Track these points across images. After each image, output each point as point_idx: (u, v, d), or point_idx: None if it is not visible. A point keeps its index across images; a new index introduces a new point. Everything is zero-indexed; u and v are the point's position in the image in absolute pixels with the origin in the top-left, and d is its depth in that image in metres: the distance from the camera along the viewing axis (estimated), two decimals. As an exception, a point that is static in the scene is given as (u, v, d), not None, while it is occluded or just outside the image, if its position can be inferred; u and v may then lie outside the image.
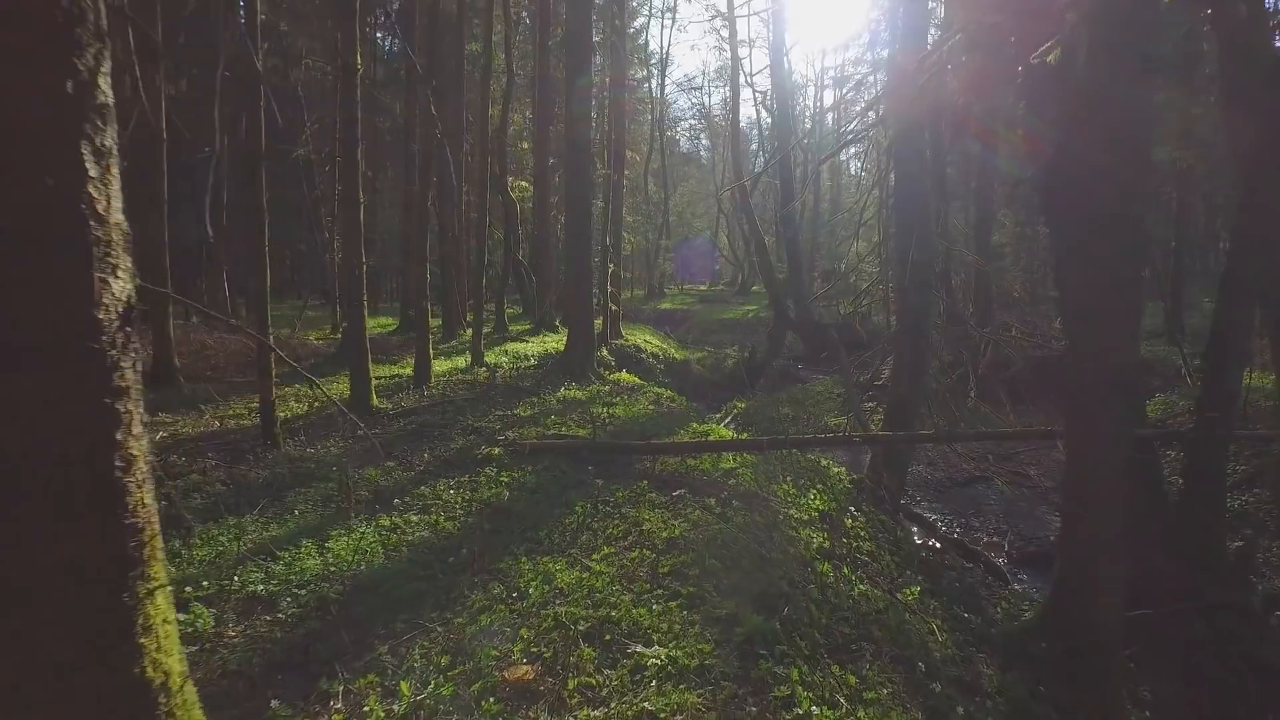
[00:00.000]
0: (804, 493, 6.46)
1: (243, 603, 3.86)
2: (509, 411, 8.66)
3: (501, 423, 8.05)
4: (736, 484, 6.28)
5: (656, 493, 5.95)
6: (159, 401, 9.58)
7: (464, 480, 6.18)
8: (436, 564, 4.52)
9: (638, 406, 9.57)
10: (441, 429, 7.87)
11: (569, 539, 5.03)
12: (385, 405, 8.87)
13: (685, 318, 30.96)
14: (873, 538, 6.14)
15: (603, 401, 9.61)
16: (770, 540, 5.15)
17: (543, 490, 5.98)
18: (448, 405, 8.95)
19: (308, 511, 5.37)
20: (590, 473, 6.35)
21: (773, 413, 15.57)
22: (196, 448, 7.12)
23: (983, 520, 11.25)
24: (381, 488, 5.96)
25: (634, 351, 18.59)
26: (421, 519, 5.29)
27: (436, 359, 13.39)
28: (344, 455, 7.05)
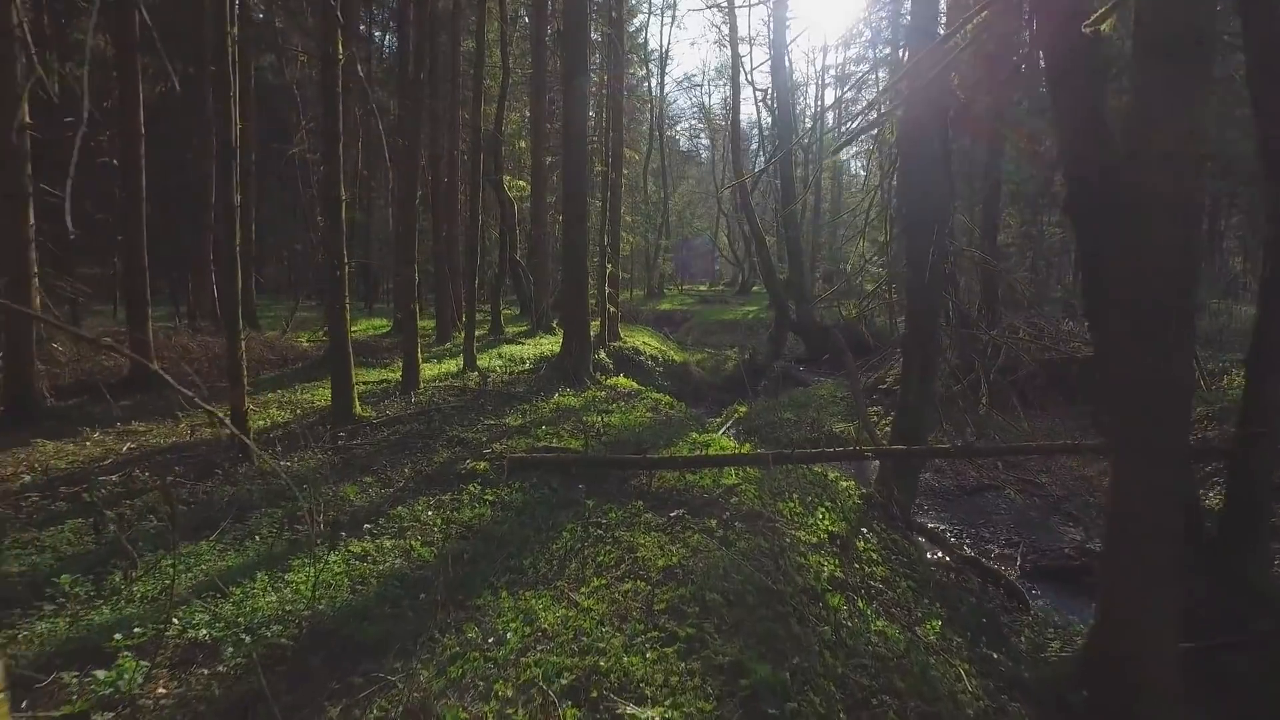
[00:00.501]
0: (811, 511, 5.98)
1: (181, 651, 3.37)
2: (499, 420, 8.17)
3: (489, 433, 7.56)
4: (739, 502, 5.80)
5: (653, 513, 5.47)
6: (133, 409, 9.11)
7: (445, 499, 5.69)
8: (406, 600, 4.03)
9: (635, 414, 9.09)
10: (426, 440, 7.38)
11: (556, 568, 4.55)
12: (369, 413, 8.39)
13: (685, 318, 30.48)
14: (886, 560, 5.66)
15: (598, 409, 9.12)
16: (777, 568, 4.67)
17: (529, 511, 5.49)
18: (434, 413, 8.47)
19: (271, 536, 4.89)
20: (581, 491, 5.86)
21: (774, 417, 15.07)
22: (164, 461, 6.65)
23: (993, 530, 10.77)
24: (356, 508, 5.48)
25: (632, 354, 18.11)
26: (395, 545, 4.80)
27: (428, 363, 12.91)
28: (321, 469, 6.57)
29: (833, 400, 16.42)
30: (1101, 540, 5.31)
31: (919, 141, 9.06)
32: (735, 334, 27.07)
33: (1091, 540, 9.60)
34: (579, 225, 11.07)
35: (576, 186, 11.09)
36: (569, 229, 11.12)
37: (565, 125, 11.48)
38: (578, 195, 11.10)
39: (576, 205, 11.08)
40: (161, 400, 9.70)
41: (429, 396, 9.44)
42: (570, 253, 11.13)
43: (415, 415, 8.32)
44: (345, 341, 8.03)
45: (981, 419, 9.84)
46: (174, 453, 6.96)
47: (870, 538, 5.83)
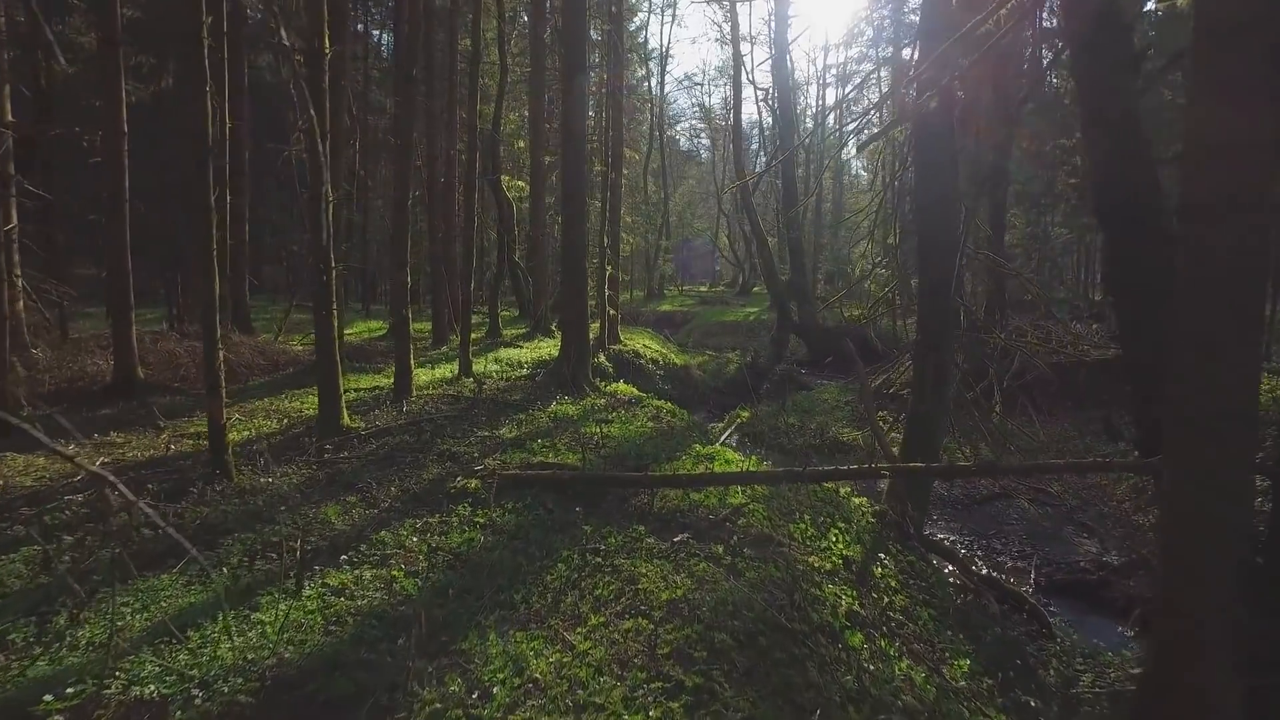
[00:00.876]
0: (824, 533, 5.58)
1: (123, 712, 2.97)
2: (492, 432, 7.77)
3: (482, 447, 7.16)
4: (747, 524, 5.40)
5: (655, 538, 5.06)
6: (115, 418, 8.71)
7: (432, 522, 5.29)
8: (385, 644, 3.63)
9: (635, 424, 8.68)
10: (415, 454, 6.97)
11: (550, 603, 4.15)
12: (357, 424, 7.98)
13: (685, 320, 30.07)
14: (904, 587, 5.26)
15: (597, 418, 8.72)
16: (790, 602, 4.26)
17: (522, 535, 5.09)
18: (426, 424, 8.07)
19: (242, 566, 4.48)
20: (579, 514, 5.45)
21: (778, 423, 14.68)
22: (138, 477, 6.24)
23: (1005, 542, 10.40)
24: (336, 533, 5.07)
25: (632, 358, 17.70)
26: (376, 576, 4.40)
27: (423, 368, 12.51)
28: (304, 486, 6.17)
29: (838, 405, 16.03)
30: (1157, 568, 4.90)
31: (932, 140, 8.66)
32: (737, 336, 26.67)
33: (1107, 553, 9.22)
34: (578, 226, 10.66)
35: (575, 186, 10.69)
36: (568, 230, 10.72)
37: (564, 124, 11.08)
38: (576, 195, 10.70)
39: (575, 205, 10.68)
40: (145, 409, 9.30)
41: (421, 405, 9.04)
42: (569, 254, 10.73)
43: (406, 426, 7.92)
44: (333, 349, 7.63)
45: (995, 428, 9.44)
46: (149, 468, 6.55)
47: (887, 563, 5.43)
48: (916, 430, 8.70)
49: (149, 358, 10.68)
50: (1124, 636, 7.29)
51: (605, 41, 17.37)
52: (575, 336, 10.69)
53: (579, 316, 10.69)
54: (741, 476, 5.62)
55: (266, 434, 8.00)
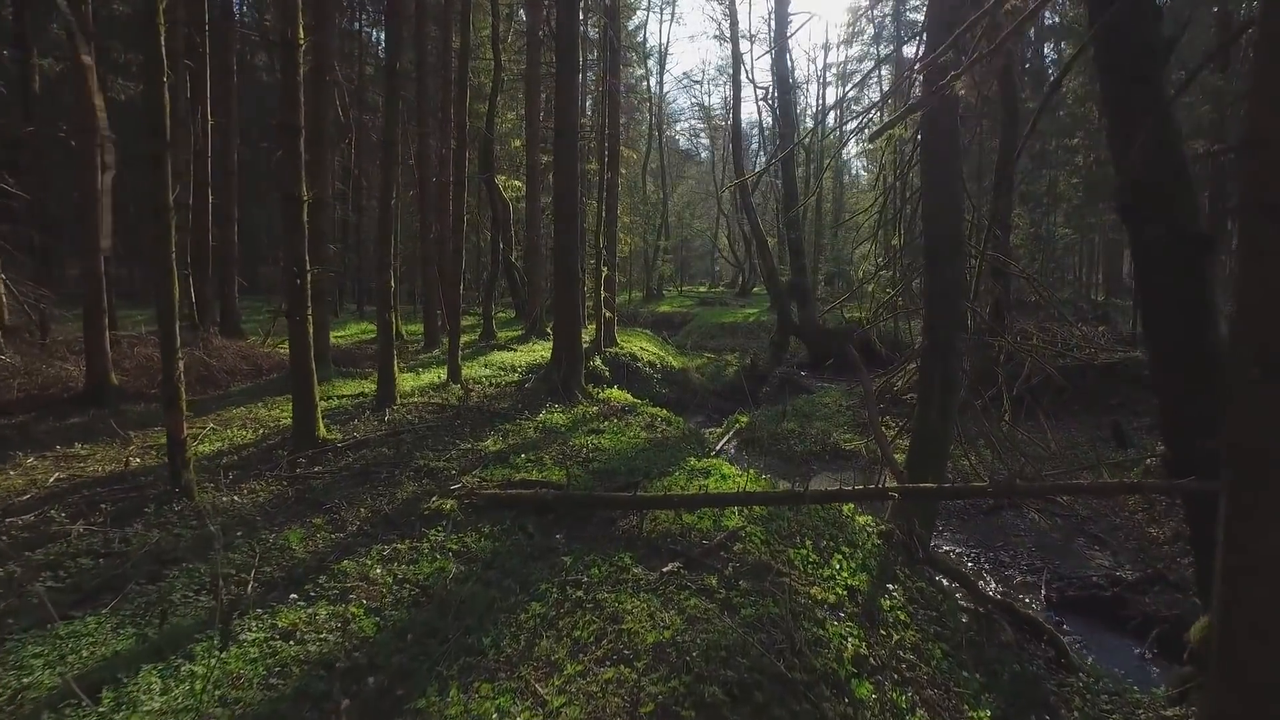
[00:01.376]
0: (827, 559, 5.12)
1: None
2: (475, 444, 7.31)
3: (463, 461, 6.70)
4: (743, 550, 4.94)
5: (642, 567, 4.61)
6: (83, 428, 8.26)
7: (402, 548, 4.83)
8: (332, 700, 3.18)
9: (628, 434, 8.23)
10: (392, 469, 6.52)
11: (523, 647, 3.69)
12: (334, 436, 7.53)
13: (684, 320, 29.61)
14: (914, 619, 4.80)
15: (588, 428, 8.27)
16: (790, 646, 3.81)
17: (499, 564, 4.64)
18: (407, 435, 7.61)
19: (184, 604, 4.03)
20: (560, 540, 4.99)
21: (777, 429, 14.24)
22: (91, 496, 5.79)
23: (1013, 555, 9.96)
24: (295, 561, 4.62)
25: (629, 360, 17.25)
26: (332, 614, 3.94)
27: (411, 372, 12.07)
28: (269, 506, 5.72)
29: (839, 410, 15.57)
30: (1217, 603, 4.43)
31: (938, 137, 8.20)
32: (736, 337, 26.21)
33: (1120, 567, 8.77)
34: (571, 225, 10.21)
35: (568, 185, 10.23)
36: (560, 229, 10.27)
37: (556, 119, 10.63)
38: (569, 194, 10.24)
39: (568, 204, 10.22)
40: (118, 417, 8.86)
41: (404, 414, 8.59)
42: (561, 255, 10.27)
43: (385, 438, 7.46)
44: (307, 357, 7.17)
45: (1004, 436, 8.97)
46: (107, 485, 6.10)
47: (895, 592, 4.97)
48: (923, 442, 8.25)
49: (125, 362, 10.24)
50: (1142, 659, 6.85)
51: (602, 38, 16.91)
52: (567, 341, 10.24)
53: (571, 320, 10.24)
54: (738, 497, 5.16)
55: (240, 445, 7.55)
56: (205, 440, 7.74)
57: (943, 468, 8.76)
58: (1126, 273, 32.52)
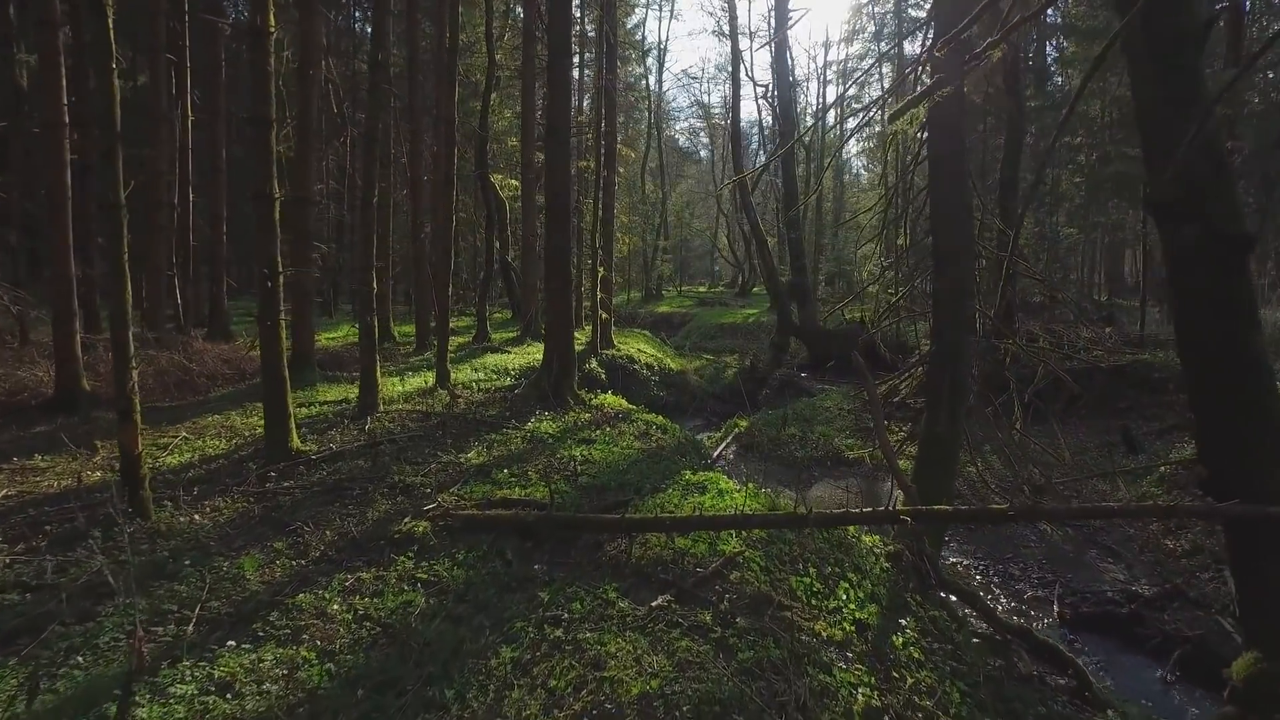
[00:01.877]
0: (833, 588, 4.66)
1: None
2: (458, 456, 6.86)
3: (443, 475, 6.24)
4: (741, 579, 4.49)
5: (630, 600, 4.15)
6: (47, 437, 7.81)
7: (366, 577, 4.38)
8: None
9: (621, 444, 7.77)
10: (366, 484, 6.06)
11: (491, 701, 3.24)
12: (309, 447, 7.07)
13: (684, 321, 29.15)
14: (928, 656, 4.35)
15: (578, 438, 7.81)
16: (793, 697, 3.35)
17: (471, 596, 4.18)
18: (387, 446, 7.16)
19: (115, 646, 3.57)
20: (540, 570, 4.53)
21: (778, 433, 13.79)
22: (37, 516, 5.34)
23: (1024, 567, 9.51)
24: (248, 594, 4.16)
25: (626, 363, 16.79)
26: (280, 659, 3.49)
27: (399, 376, 11.62)
28: (230, 526, 5.26)
29: (840, 413, 15.11)
30: None
31: (944, 133, 7.74)
32: (736, 338, 25.74)
33: (1136, 581, 8.33)
34: (563, 224, 9.74)
35: (560, 181, 9.76)
36: (552, 227, 9.80)
37: (549, 116, 10.16)
38: (562, 191, 9.77)
39: (560, 202, 9.76)
40: (88, 425, 8.42)
41: (386, 423, 8.13)
42: (553, 254, 9.81)
43: (363, 449, 7.01)
44: (279, 365, 6.72)
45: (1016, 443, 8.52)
46: (57, 503, 5.64)
47: (908, 626, 4.52)
48: (931, 450, 7.80)
49: (101, 367, 9.78)
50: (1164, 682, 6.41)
51: (599, 34, 16.46)
52: (559, 344, 9.78)
53: (563, 323, 9.78)
54: (734, 520, 4.71)
55: (210, 457, 7.10)
56: (175, 451, 7.30)
57: (952, 478, 8.31)
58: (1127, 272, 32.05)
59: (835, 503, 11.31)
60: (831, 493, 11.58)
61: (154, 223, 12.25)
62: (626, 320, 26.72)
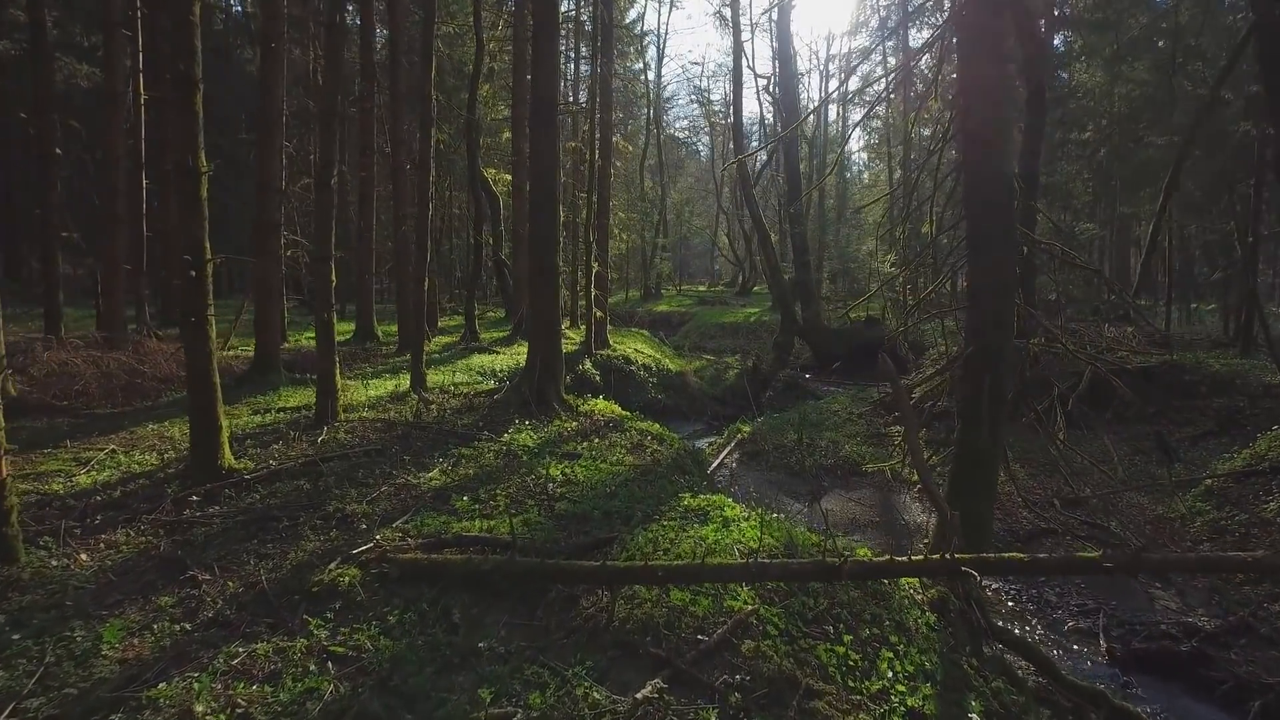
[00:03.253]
0: (872, 658, 3.56)
1: None
2: (416, 476, 5.75)
3: (392, 502, 5.13)
4: (755, 649, 3.38)
5: (608, 685, 3.05)
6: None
7: (263, 651, 3.27)
8: None
9: (610, 459, 6.66)
10: (299, 513, 4.95)
11: None
12: (244, 465, 5.96)
13: (683, 320, 28.02)
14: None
15: (561, 451, 6.70)
16: None
17: (398, 680, 3.07)
18: (336, 463, 6.05)
19: None
20: (494, 643, 3.41)
21: (783, 439, 12.68)
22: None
23: (1061, 593, 8.42)
24: (94, 679, 3.05)
25: (622, 364, 15.68)
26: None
27: (373, 379, 10.53)
28: (117, 572, 4.16)
29: (849, 417, 13.99)
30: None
31: (987, 94, 6.63)
32: (736, 337, 24.62)
33: (1191, 610, 7.23)
34: (549, 212, 8.64)
35: (547, 163, 8.65)
36: (536, 213, 8.70)
37: (534, 92, 9.06)
38: (548, 172, 8.66)
39: (546, 184, 8.65)
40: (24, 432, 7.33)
41: (343, 434, 7.03)
42: (537, 244, 8.71)
43: (306, 467, 5.90)
44: (208, 370, 5.62)
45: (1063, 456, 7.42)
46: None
47: (974, 712, 3.40)
48: (968, 465, 6.68)
49: (32, 368, 8.69)
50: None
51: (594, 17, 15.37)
52: (544, 346, 8.67)
53: (548, 321, 8.67)
54: (745, 570, 3.60)
55: (132, 475, 5.99)
56: (96, 468, 6.19)
57: (992, 498, 7.21)
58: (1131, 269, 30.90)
59: (850, 519, 10.21)
60: (844, 506, 10.48)
61: (111, 211, 11.14)
62: (625, 319, 25.62)
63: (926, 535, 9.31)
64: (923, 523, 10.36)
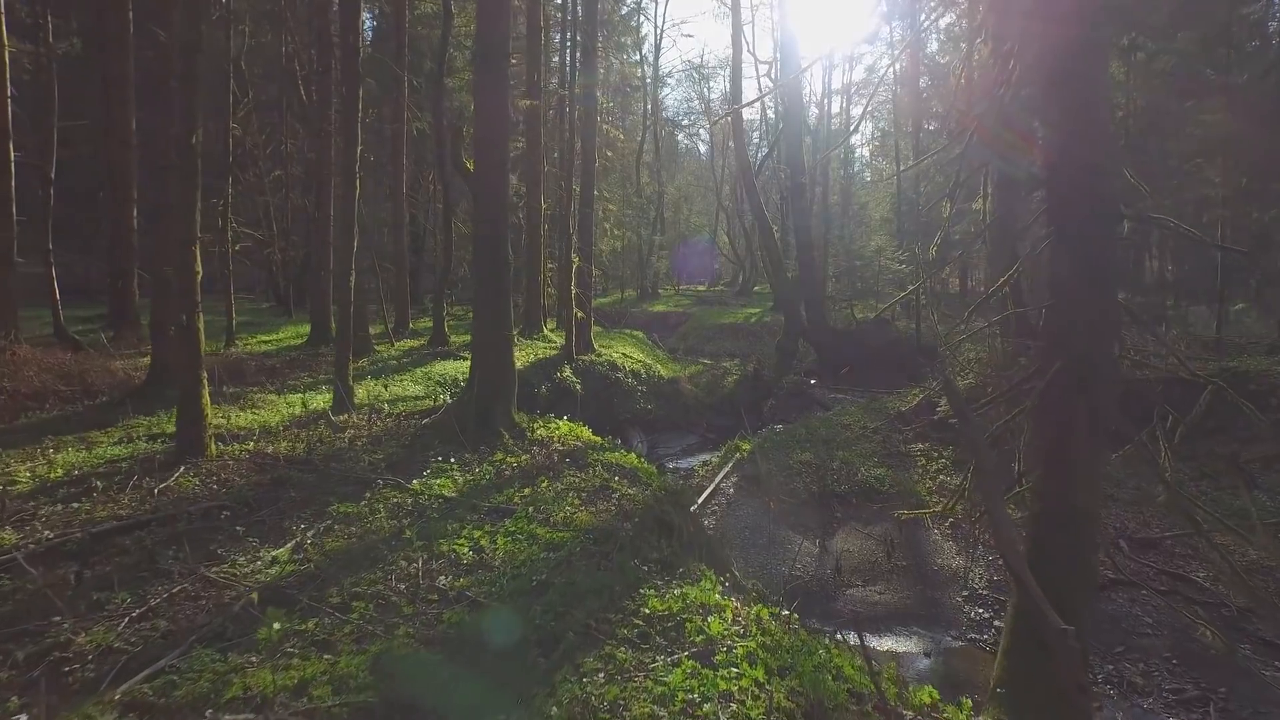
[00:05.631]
0: None
1: None
2: (254, 558, 3.75)
3: (173, 620, 3.13)
4: None
5: None
6: None
7: None
8: None
9: (556, 516, 4.64)
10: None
11: None
12: (7, 537, 3.97)
13: (680, 321, 25.98)
14: None
15: (488, 508, 4.69)
16: None
17: None
18: (147, 533, 4.05)
19: None
20: None
21: (788, 459, 10.68)
22: None
23: (1145, 666, 6.50)
24: None
25: (607, 371, 13.67)
26: None
27: (303, 393, 8.56)
28: None
29: (863, 433, 11.94)
30: None
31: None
32: (736, 339, 22.55)
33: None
34: (497, 189, 6.65)
35: (496, 127, 6.65)
36: (482, 191, 6.71)
37: (478, 30, 7.06)
38: (496, 139, 6.66)
39: (493, 155, 6.65)
40: None
41: (196, 478, 5.02)
42: (483, 237, 6.72)
43: (85, 545, 3.88)
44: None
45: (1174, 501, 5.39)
46: None
47: None
48: (1056, 533, 4.62)
49: None
50: None
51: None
52: (488, 357, 6.66)
53: (494, 326, 6.67)
54: None
55: None
56: None
57: (1093, 578, 5.18)
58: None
59: (870, 562, 8.19)
60: (862, 545, 8.47)
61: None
62: (619, 320, 23.61)
63: (967, 586, 7.24)
64: (958, 567, 8.35)
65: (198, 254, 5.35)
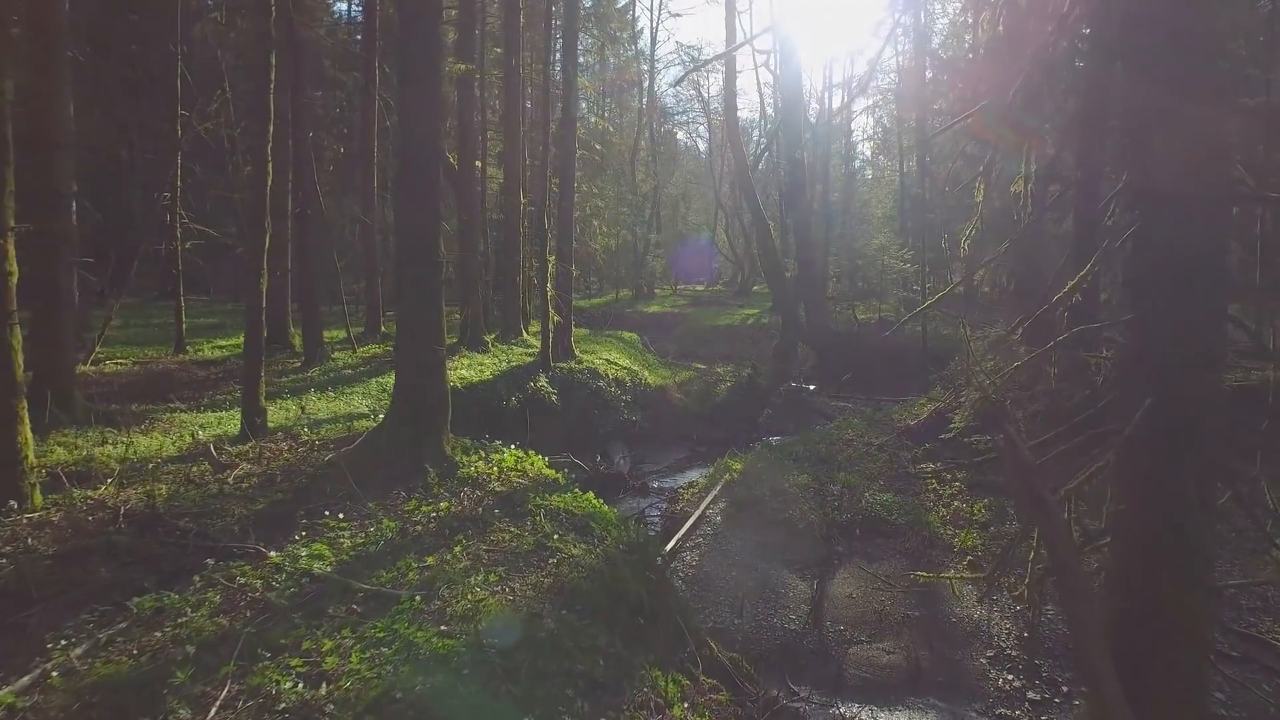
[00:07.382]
0: None
1: None
2: None
3: None
4: None
5: None
6: None
7: None
8: None
9: (458, 604, 3.32)
10: None
11: None
12: None
13: (676, 322, 24.60)
14: None
15: (374, 585, 3.36)
16: None
17: None
18: None
19: None
20: None
21: (785, 480, 9.33)
22: None
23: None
24: None
25: (588, 379, 12.34)
26: None
27: (225, 411, 7.26)
28: None
29: (867, 450, 10.58)
30: None
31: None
32: (732, 342, 21.15)
33: None
34: (426, 176, 5.31)
35: (426, 89, 5.32)
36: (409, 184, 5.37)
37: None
38: (427, 119, 5.33)
39: (423, 128, 5.32)
40: None
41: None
42: (408, 231, 5.39)
43: None
44: None
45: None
46: None
47: None
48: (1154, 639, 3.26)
49: None
50: None
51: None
52: (415, 380, 5.32)
53: (424, 338, 5.34)
54: None
55: None
56: None
57: (1205, 696, 3.80)
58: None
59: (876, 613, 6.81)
60: (867, 590, 7.09)
61: None
62: (609, 322, 22.27)
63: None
64: (980, 619, 6.98)
65: (10, 250, 4.03)
